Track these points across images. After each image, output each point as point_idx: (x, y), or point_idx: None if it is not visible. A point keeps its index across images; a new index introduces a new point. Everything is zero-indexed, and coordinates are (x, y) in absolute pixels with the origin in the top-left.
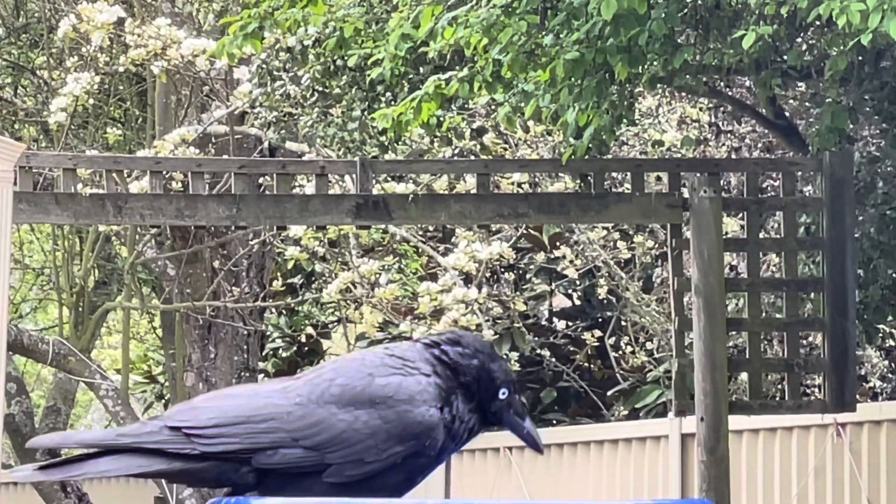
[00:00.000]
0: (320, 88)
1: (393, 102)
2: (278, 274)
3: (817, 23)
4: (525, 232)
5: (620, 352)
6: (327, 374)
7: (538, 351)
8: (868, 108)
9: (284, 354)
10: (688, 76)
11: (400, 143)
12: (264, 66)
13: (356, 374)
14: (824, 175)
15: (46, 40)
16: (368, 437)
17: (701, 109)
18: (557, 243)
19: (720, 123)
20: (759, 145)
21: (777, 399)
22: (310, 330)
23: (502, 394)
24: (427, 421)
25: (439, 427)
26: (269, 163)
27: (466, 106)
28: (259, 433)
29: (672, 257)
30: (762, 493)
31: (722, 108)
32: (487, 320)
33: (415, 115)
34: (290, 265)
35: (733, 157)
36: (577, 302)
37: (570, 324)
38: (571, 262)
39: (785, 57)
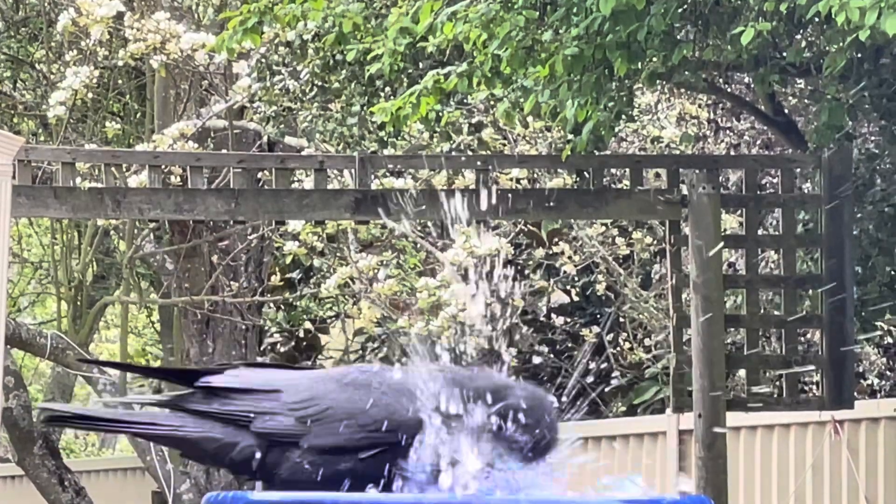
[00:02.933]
0: (319, 83)
1: (392, 97)
2: (276, 269)
3: (816, 19)
4: (523, 227)
5: (618, 348)
6: (354, 370)
7: (536, 347)
8: (867, 106)
9: (283, 349)
10: (687, 72)
11: (399, 138)
12: (263, 60)
13: (373, 370)
14: (823, 172)
15: (45, 34)
16: (350, 414)
17: (700, 106)
18: (556, 239)
19: (719, 120)
20: (758, 142)
21: (775, 396)
22: (308, 325)
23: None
24: (407, 417)
25: (421, 430)
26: (267, 157)
27: (465, 101)
28: (262, 400)
29: (670, 254)
30: (760, 490)
31: (721, 105)
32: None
33: (414, 110)
34: (288, 260)
35: (732, 153)
36: (576, 298)
37: (569, 320)
38: (570, 257)
39: (784, 54)
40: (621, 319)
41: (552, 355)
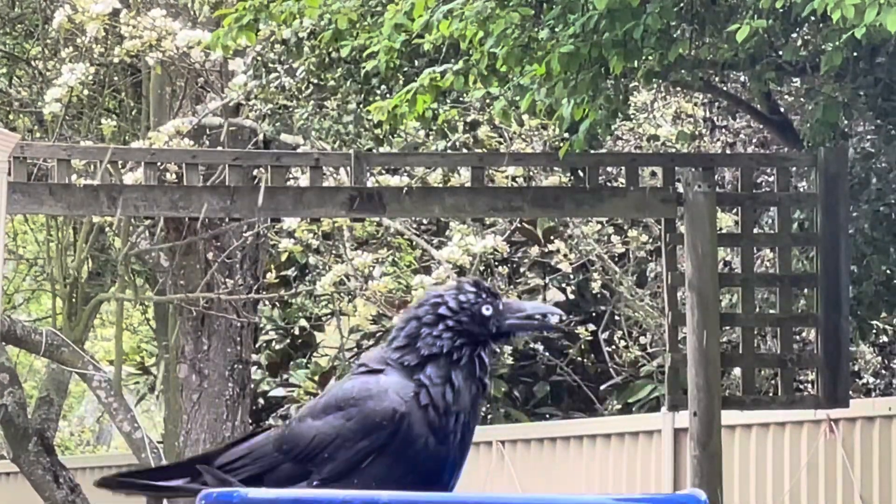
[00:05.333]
0: (315, 81)
1: (388, 95)
2: (272, 266)
3: (812, 18)
4: (519, 226)
5: (614, 346)
6: (322, 399)
7: (531, 345)
8: (862, 104)
9: (278, 347)
10: (683, 71)
11: (394, 136)
12: (259, 58)
13: (333, 389)
14: (819, 171)
15: (41, 31)
16: (335, 436)
17: (696, 104)
18: (551, 237)
19: (715, 118)
20: (754, 141)
21: (770, 394)
22: (303, 322)
23: (486, 310)
24: (383, 410)
25: (404, 413)
26: (263, 155)
27: (461, 99)
28: (261, 458)
29: (666, 252)
30: (754, 489)
31: (717, 104)
32: None
33: (410, 108)
34: (283, 257)
35: (728, 152)
36: (571, 296)
37: (564, 318)
38: (565, 256)
39: (780, 52)
40: (617, 317)
41: (547, 353)
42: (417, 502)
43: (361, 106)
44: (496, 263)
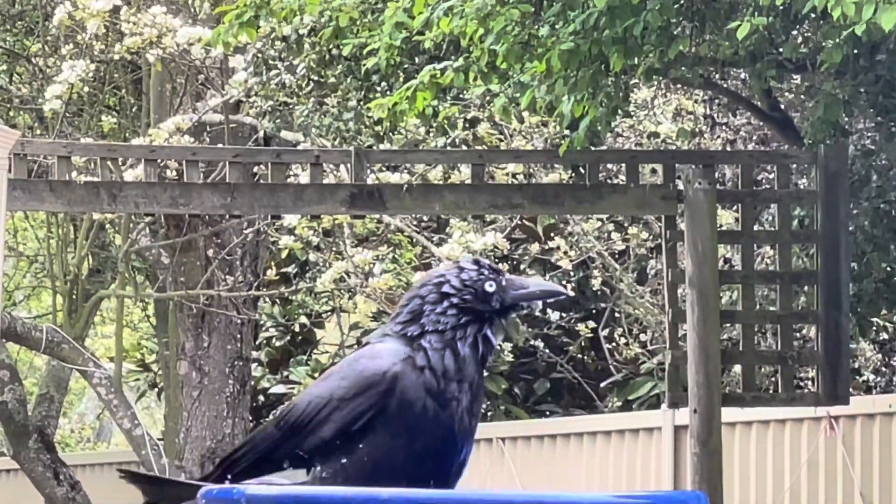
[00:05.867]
0: (316, 78)
1: (388, 92)
2: (272, 263)
3: (812, 15)
4: (519, 223)
5: (614, 343)
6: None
7: (532, 342)
8: (863, 102)
9: (278, 343)
10: (683, 68)
11: (395, 133)
12: (260, 55)
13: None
14: (819, 168)
15: (42, 28)
16: (329, 398)
17: (696, 101)
18: (552, 234)
19: (715, 116)
20: (754, 138)
21: (770, 392)
22: (303, 319)
23: (490, 287)
24: (375, 367)
25: (397, 373)
26: (263, 152)
27: (461, 96)
28: (261, 442)
29: (666, 249)
30: (755, 486)
31: (717, 101)
32: None
33: (410, 105)
34: (284, 254)
35: (728, 149)
36: (571, 293)
37: (564, 315)
38: (566, 253)
39: (780, 49)
40: (617, 314)
41: (547, 350)
42: (418, 499)
43: (362, 103)
44: (496, 260)
